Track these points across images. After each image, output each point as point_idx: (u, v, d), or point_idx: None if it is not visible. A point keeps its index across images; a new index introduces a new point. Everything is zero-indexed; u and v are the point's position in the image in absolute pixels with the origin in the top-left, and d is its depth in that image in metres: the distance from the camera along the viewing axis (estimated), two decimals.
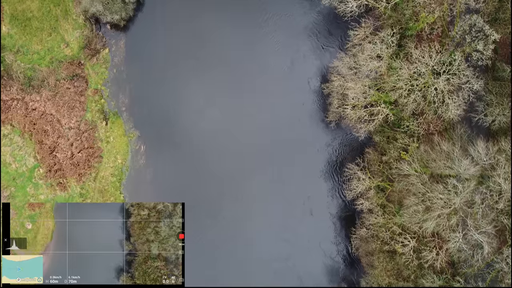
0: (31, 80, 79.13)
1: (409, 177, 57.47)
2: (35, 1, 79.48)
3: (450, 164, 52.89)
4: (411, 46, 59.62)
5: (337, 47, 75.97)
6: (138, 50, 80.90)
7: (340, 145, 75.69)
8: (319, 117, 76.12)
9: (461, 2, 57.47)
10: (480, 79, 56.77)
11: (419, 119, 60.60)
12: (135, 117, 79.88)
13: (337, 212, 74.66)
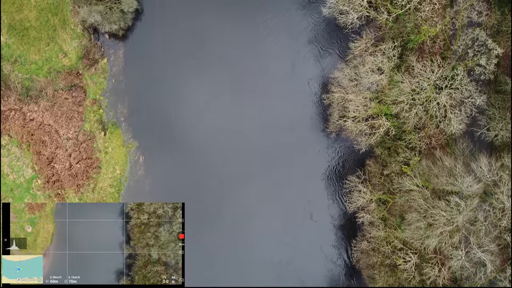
0: (29, 90, 78.49)
1: (411, 192, 56.67)
2: (33, 10, 78.79)
3: (452, 180, 52.11)
4: (412, 59, 58.82)
5: (337, 49, 75.04)
6: (137, 59, 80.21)
7: (341, 148, 74.89)
8: (320, 119, 75.32)
9: (464, 15, 56.67)
10: (483, 94, 55.95)
11: (421, 133, 59.80)
12: (134, 127, 79.24)
13: (338, 215, 73.91)
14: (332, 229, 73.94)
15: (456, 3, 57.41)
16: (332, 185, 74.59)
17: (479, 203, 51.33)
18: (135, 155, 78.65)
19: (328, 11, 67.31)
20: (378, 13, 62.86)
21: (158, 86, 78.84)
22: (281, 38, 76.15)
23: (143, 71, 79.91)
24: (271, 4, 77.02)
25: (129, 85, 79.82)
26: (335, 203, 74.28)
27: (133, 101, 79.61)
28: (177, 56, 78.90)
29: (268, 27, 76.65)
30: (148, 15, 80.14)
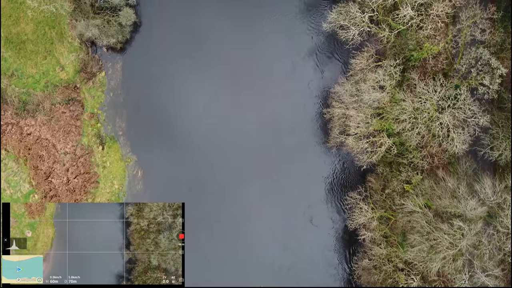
0: (25, 104, 77.59)
1: (413, 214, 55.73)
2: (30, 23, 77.86)
3: (455, 203, 51.15)
4: (415, 76, 57.84)
5: (337, 54, 74.13)
6: (135, 72, 79.37)
7: (342, 156, 73.91)
8: (321, 122, 74.40)
9: (467, 33, 55.70)
10: (487, 113, 54.95)
11: (423, 151, 58.84)
12: (132, 139, 78.21)
13: (338, 220, 73.12)
14: (333, 234, 73.15)
15: (459, 21, 56.41)
16: (333, 189, 73.73)
17: (483, 227, 50.34)
18: (133, 169, 77.77)
19: (328, 26, 66.34)
20: (380, 29, 61.88)
21: (157, 99, 78.00)
22: (281, 39, 75.43)
23: (142, 84, 79.08)
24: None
25: (127, 99, 78.82)
26: (336, 207, 73.35)
27: (131, 115, 78.61)
28: (175, 69, 78.12)
29: (268, 28, 75.87)
30: (146, 27, 79.37)
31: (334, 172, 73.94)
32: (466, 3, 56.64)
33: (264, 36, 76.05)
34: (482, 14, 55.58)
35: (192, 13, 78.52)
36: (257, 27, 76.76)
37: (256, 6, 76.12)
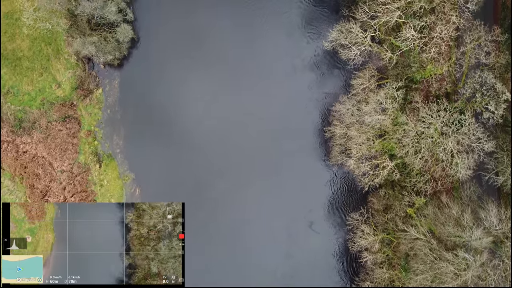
0: (21, 122, 76.35)
1: (416, 241, 54.47)
2: (26, 40, 76.62)
3: (460, 232, 49.87)
4: (418, 99, 56.55)
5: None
6: (133, 89, 78.10)
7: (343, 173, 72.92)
8: (321, 123, 73.35)
9: (471, 56, 54.41)
10: (492, 139, 53.62)
11: (426, 175, 57.55)
12: (129, 160, 77.04)
13: (339, 226, 72.20)
14: (333, 239, 72.38)
15: (463, 44, 55.11)
16: (335, 192, 72.59)
17: (489, 257, 49.06)
18: (131, 187, 76.61)
19: (329, 45, 65.04)
20: (382, 48, 60.57)
21: (155, 115, 76.74)
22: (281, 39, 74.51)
23: (139, 101, 77.72)
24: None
25: (124, 115, 77.59)
26: (338, 212, 72.37)
27: (130, 122, 77.27)
28: (174, 84, 76.87)
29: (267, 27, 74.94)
30: (144, 43, 78.12)
31: (336, 176, 72.78)
32: (471, 25, 55.34)
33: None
34: (487, 37, 54.25)
35: (190, 29, 77.25)
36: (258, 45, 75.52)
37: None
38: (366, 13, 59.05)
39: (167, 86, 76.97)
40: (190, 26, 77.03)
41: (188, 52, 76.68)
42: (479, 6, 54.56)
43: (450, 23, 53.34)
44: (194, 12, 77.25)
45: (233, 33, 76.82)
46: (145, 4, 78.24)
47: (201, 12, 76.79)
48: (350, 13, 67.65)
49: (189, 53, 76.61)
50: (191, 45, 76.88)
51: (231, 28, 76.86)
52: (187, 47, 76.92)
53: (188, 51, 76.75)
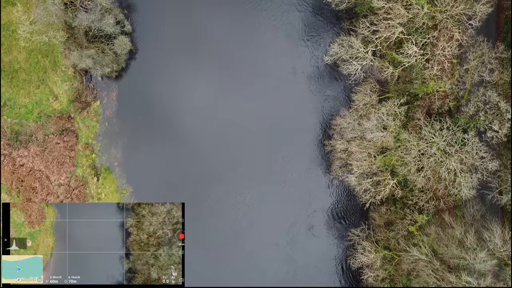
0: (18, 135, 75.39)
1: (419, 261, 53.53)
2: (23, 52, 75.65)
3: (463, 254, 48.91)
4: (420, 117, 55.59)
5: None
6: (131, 101, 77.12)
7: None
8: (321, 131, 72.78)
9: (474, 73, 53.45)
10: (496, 158, 52.64)
11: (429, 194, 56.62)
12: (128, 173, 76.16)
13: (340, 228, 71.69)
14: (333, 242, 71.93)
15: (466, 61, 54.15)
16: (337, 195, 72.21)
17: (493, 280, 48.12)
18: (129, 201, 75.60)
19: (330, 59, 64.12)
20: (384, 62, 59.57)
21: (154, 126, 75.89)
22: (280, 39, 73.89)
23: (138, 113, 76.83)
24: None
25: (122, 128, 76.65)
26: (338, 217, 71.92)
27: (127, 144, 76.54)
28: (173, 97, 75.98)
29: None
30: (142, 54, 77.14)
31: (337, 186, 72.06)
32: (474, 41, 54.39)
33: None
34: (490, 53, 53.28)
35: (188, 40, 76.37)
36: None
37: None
38: (367, 28, 58.07)
39: (166, 97, 76.14)
40: (188, 37, 76.23)
41: (187, 62, 75.79)
42: (482, 21, 53.56)
43: (453, 40, 52.38)
44: (192, 23, 76.37)
45: (233, 41, 75.97)
46: (143, 15, 77.31)
47: (200, 23, 75.93)
48: (351, 26, 66.85)
49: (188, 63, 75.76)
50: (189, 55, 76.09)
51: (230, 36, 75.88)
52: (186, 57, 76.07)
53: (186, 62, 75.88)
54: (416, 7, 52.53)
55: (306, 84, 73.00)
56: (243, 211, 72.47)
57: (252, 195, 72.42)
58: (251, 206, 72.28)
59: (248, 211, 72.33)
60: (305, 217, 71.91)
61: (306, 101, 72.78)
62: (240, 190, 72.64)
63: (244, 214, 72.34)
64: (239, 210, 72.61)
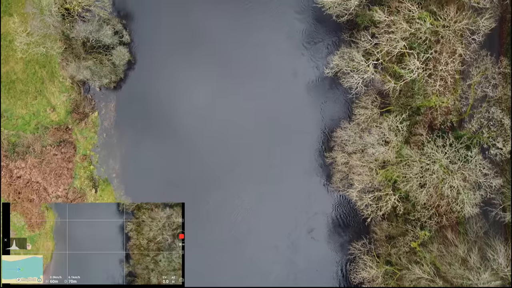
0: (15, 146, 74.51)
1: (421, 280, 52.78)
2: (19, 62, 74.75)
3: (467, 274, 48.14)
4: (422, 132, 54.78)
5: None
6: (129, 112, 76.25)
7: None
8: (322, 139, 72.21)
9: (477, 88, 52.64)
10: (499, 176, 51.86)
11: (431, 210, 55.83)
12: (126, 185, 75.36)
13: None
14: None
15: (470, 77, 53.34)
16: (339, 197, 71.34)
17: None
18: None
19: (331, 72, 63.29)
20: (385, 76, 58.78)
21: (152, 138, 75.03)
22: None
23: (136, 124, 75.99)
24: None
25: (121, 139, 75.81)
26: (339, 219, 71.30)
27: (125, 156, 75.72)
28: (173, 108, 75.14)
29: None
30: (141, 65, 76.25)
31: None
32: (477, 56, 53.55)
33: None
34: (494, 69, 52.46)
35: (188, 50, 75.50)
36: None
37: None
38: (369, 41, 57.26)
39: (165, 109, 75.26)
40: (187, 41, 75.20)
41: (186, 66, 74.81)
42: (485, 36, 52.75)
43: (455, 55, 51.56)
44: (192, 33, 75.54)
45: (231, 45, 75.12)
46: (141, 23, 76.40)
47: (200, 33, 75.03)
48: (351, 37, 66.06)
49: (187, 66, 74.77)
50: (188, 59, 75.09)
51: (228, 38, 74.81)
52: (185, 61, 75.07)
53: (185, 65, 74.89)
54: (419, 21, 51.72)
55: (306, 86, 72.21)
56: (242, 215, 71.68)
57: (250, 198, 71.56)
58: (250, 209, 71.44)
59: (247, 214, 71.49)
60: (306, 220, 71.15)
61: (306, 102, 71.99)
62: (238, 193, 71.83)
63: (243, 218, 71.58)
64: (238, 214, 71.80)
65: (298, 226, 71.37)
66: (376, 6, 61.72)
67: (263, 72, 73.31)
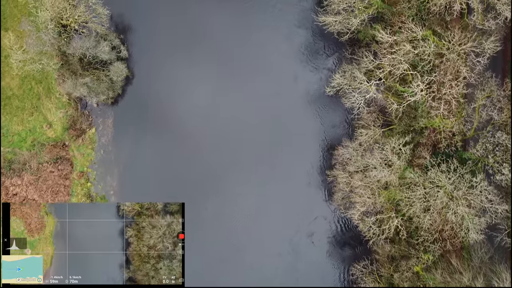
0: (11, 163, 73.39)
1: None
2: (16, 78, 73.65)
3: None
4: (426, 155, 53.65)
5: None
6: (127, 128, 75.14)
7: None
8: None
9: (482, 112, 51.53)
10: (504, 201, 50.74)
11: (435, 234, 54.71)
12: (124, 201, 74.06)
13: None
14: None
15: (474, 100, 52.19)
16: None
17: None
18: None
19: (332, 91, 62.12)
20: (388, 98, 57.61)
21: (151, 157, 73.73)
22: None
23: (134, 140, 74.86)
24: None
25: (118, 156, 74.71)
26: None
27: (123, 173, 74.57)
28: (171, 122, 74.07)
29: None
30: (139, 80, 75.21)
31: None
32: (482, 78, 52.38)
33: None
34: (499, 91, 51.29)
35: (187, 63, 74.44)
36: None
37: None
38: (371, 62, 56.11)
39: (164, 124, 74.24)
40: (187, 60, 74.15)
41: (185, 86, 73.78)
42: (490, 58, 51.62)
43: (460, 77, 50.43)
44: (191, 46, 74.44)
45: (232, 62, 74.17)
46: (140, 36, 75.30)
47: (200, 46, 73.91)
48: (352, 54, 64.96)
49: (186, 87, 73.74)
50: (188, 78, 74.05)
51: (229, 41, 73.80)
52: (184, 81, 73.99)
53: (185, 85, 73.84)
54: (423, 43, 50.57)
55: (306, 89, 71.37)
56: (242, 222, 70.71)
57: (249, 202, 70.82)
58: (249, 216, 70.57)
59: (247, 221, 70.62)
60: (307, 224, 70.18)
61: (306, 105, 71.21)
62: (234, 198, 71.09)
63: (243, 224, 70.62)
64: (238, 221, 70.85)
65: (299, 218, 70.47)
66: (378, 23, 60.66)
67: (262, 72, 72.47)
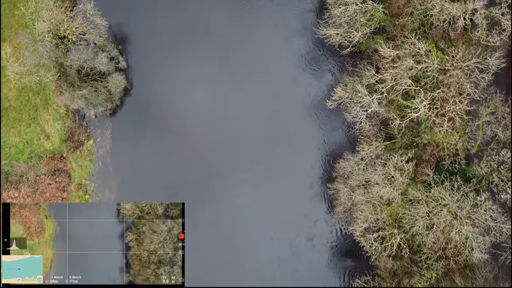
0: (8, 175, 72.58)
1: None
2: (13, 89, 72.83)
3: None
4: (429, 172, 52.76)
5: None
6: (126, 139, 74.35)
7: None
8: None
9: (486, 129, 50.61)
10: (509, 219, 49.83)
11: (438, 252, 53.84)
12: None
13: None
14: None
15: (478, 117, 51.31)
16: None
17: None
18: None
19: (333, 104, 61.23)
20: (390, 112, 56.75)
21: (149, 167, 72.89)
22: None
23: (132, 152, 74.02)
24: None
25: (117, 168, 73.88)
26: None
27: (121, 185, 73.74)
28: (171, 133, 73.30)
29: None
30: (137, 90, 74.45)
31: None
32: (486, 94, 51.48)
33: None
34: (504, 108, 50.42)
35: (186, 73, 73.62)
36: None
37: None
38: (373, 77, 55.23)
39: (162, 132, 73.46)
40: (186, 64, 73.24)
41: (184, 90, 72.88)
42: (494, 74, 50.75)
43: (464, 94, 49.53)
44: (190, 55, 73.63)
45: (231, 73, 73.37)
46: (139, 47, 74.55)
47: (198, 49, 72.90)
48: (354, 67, 64.08)
49: (185, 90, 72.90)
50: (187, 81, 73.20)
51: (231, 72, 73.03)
52: (183, 84, 73.15)
53: (183, 89, 72.94)
54: (425, 59, 49.66)
55: (306, 90, 70.51)
56: (242, 222, 69.83)
57: (249, 202, 69.78)
58: (249, 216, 69.60)
59: (247, 221, 69.69)
60: (306, 227, 69.11)
61: (307, 108, 70.35)
62: (233, 198, 70.12)
63: (243, 224, 69.65)
64: (238, 221, 69.90)
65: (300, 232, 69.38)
66: (380, 35, 59.83)
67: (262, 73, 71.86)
